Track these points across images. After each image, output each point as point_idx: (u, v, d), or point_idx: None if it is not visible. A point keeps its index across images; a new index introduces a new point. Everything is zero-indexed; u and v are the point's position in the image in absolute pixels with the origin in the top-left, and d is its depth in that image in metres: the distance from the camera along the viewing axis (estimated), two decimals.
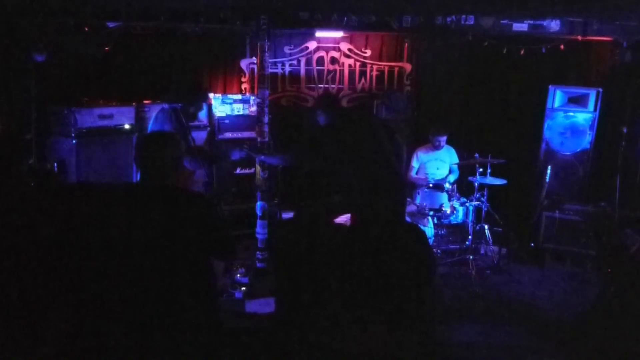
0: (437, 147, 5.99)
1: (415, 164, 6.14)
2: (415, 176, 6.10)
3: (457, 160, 6.09)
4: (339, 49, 7.13)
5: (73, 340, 2.49)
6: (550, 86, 6.26)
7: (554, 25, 5.52)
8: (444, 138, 5.97)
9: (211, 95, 6.37)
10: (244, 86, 6.94)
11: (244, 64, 6.90)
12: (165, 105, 4.79)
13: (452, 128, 6.29)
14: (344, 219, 3.78)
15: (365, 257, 2.54)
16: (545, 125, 6.26)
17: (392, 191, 2.69)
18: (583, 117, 6.12)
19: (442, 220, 5.59)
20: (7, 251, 2.50)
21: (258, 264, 5.20)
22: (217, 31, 6.33)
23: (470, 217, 5.60)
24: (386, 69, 7.25)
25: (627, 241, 4.56)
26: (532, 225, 5.94)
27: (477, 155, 5.61)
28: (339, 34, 6.76)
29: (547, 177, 5.89)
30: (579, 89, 6.21)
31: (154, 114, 4.91)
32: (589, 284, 5.17)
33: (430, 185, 5.74)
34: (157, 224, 2.34)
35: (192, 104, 4.81)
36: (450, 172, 6.10)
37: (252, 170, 5.63)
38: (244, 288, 4.79)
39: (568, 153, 6.19)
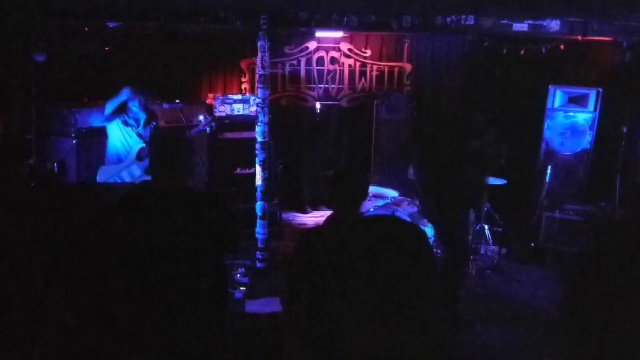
0: None
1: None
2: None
3: None
4: (339, 49, 7.13)
5: (74, 340, 2.49)
6: (550, 86, 6.25)
7: (554, 25, 5.51)
8: None
9: (211, 95, 6.38)
10: (244, 86, 6.94)
11: (244, 64, 6.90)
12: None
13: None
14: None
15: (365, 256, 2.54)
16: (545, 125, 6.25)
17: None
18: (583, 117, 6.11)
19: None
20: (7, 251, 2.50)
21: (258, 264, 5.20)
22: (217, 31, 6.33)
23: (471, 217, 5.59)
24: (386, 69, 7.25)
25: None
26: (532, 225, 5.94)
27: None
28: (339, 34, 6.76)
29: (547, 177, 5.89)
30: (579, 89, 6.21)
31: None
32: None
33: None
34: (176, 226, 2.34)
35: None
36: None
37: (252, 170, 5.63)
38: (243, 288, 4.80)
39: (568, 153, 6.18)
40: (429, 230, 5.54)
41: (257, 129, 5.10)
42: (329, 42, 7.08)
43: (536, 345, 4.16)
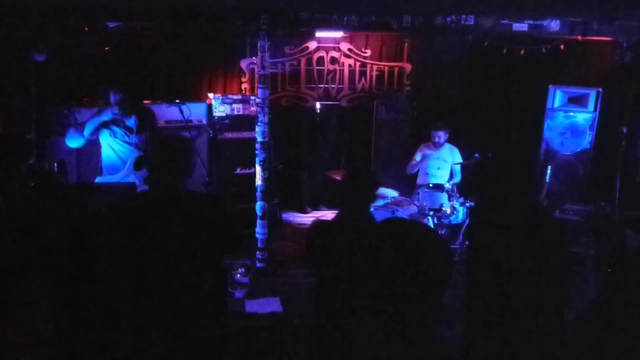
0: (436, 145, 5.96)
1: (417, 157, 6.12)
2: (414, 163, 6.07)
3: (460, 160, 6.07)
4: (339, 49, 7.13)
5: (73, 340, 2.49)
6: (550, 86, 6.26)
7: (554, 25, 5.52)
8: (442, 133, 5.92)
9: (211, 95, 6.38)
10: (244, 86, 6.94)
11: (244, 64, 6.90)
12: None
13: (452, 126, 6.26)
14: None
15: (370, 256, 2.54)
16: (545, 125, 6.26)
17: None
18: (583, 117, 6.12)
19: (442, 220, 5.58)
20: (7, 251, 2.50)
21: (258, 264, 5.19)
22: (217, 31, 6.33)
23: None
24: (386, 69, 7.25)
25: (627, 241, 4.56)
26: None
27: (477, 155, 5.60)
28: (339, 34, 6.76)
29: (547, 177, 5.89)
30: (579, 89, 6.21)
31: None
32: (589, 284, 5.16)
33: (430, 185, 5.73)
34: (175, 227, 2.34)
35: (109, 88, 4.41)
36: (452, 176, 6.08)
37: (252, 170, 5.63)
38: (244, 288, 4.79)
39: (568, 153, 6.19)
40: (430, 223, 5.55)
41: (257, 129, 5.10)
42: (329, 42, 7.08)
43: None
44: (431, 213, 5.52)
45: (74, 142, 4.45)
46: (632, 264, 4.30)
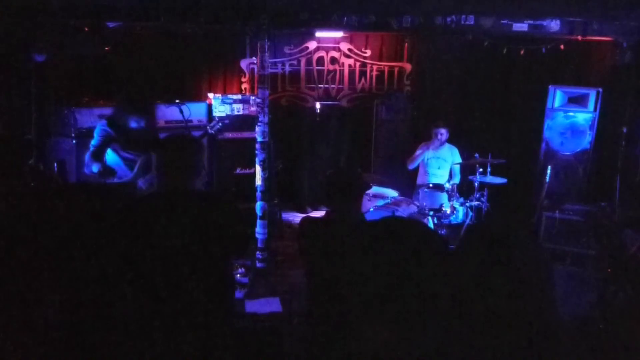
0: (439, 142, 5.94)
1: (418, 152, 6.11)
2: (415, 156, 6.05)
3: (459, 160, 6.06)
4: (339, 49, 7.13)
5: (75, 340, 2.49)
6: (550, 86, 6.25)
7: (554, 25, 5.51)
8: (444, 131, 5.90)
9: (211, 95, 6.38)
10: (244, 86, 6.95)
11: (244, 64, 6.90)
12: (103, 122, 4.40)
13: (452, 126, 6.25)
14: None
15: (367, 255, 2.54)
16: (545, 125, 6.25)
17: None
18: (583, 117, 6.12)
19: (442, 220, 5.58)
20: (7, 251, 2.50)
21: (258, 264, 5.20)
22: (217, 31, 6.34)
23: (470, 217, 5.59)
24: (386, 69, 7.25)
25: (627, 241, 4.56)
26: (532, 225, 5.93)
27: (477, 155, 5.60)
28: (339, 34, 6.77)
29: (547, 177, 5.89)
30: (579, 89, 6.21)
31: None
32: (589, 284, 5.16)
33: (430, 185, 5.73)
34: (184, 227, 2.34)
35: (131, 113, 4.28)
36: (452, 176, 6.08)
37: (252, 170, 5.63)
38: (244, 288, 4.79)
39: (568, 153, 6.18)
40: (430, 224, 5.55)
41: (257, 129, 5.10)
42: (329, 42, 7.08)
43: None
44: (431, 213, 5.52)
45: (89, 169, 4.40)
46: (632, 264, 4.30)
